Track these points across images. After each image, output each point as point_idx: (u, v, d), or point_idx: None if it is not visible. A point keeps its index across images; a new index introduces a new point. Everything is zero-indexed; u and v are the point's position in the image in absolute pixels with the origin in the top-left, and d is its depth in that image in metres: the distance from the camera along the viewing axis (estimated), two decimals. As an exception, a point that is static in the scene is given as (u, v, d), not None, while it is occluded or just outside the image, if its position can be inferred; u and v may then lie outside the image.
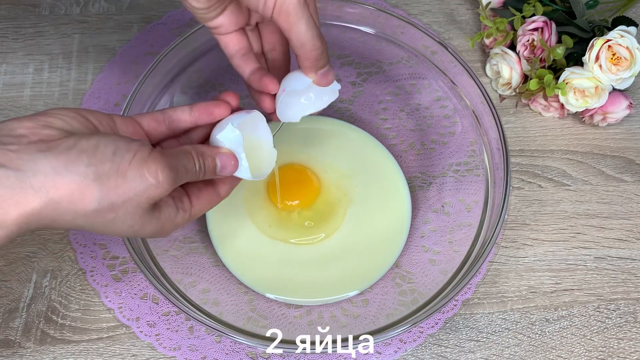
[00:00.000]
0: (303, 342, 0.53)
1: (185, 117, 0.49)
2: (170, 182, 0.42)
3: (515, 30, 0.69)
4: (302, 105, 0.52)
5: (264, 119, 0.52)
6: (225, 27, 0.51)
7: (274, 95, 0.52)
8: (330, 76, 0.50)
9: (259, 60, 0.53)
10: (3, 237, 0.39)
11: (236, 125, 0.48)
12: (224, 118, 0.50)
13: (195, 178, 0.46)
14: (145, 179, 0.41)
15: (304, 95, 0.51)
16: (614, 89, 0.66)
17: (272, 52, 0.54)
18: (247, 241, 0.60)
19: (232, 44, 0.52)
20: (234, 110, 0.50)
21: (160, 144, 0.49)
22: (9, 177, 0.38)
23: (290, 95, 0.51)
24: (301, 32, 0.46)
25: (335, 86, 0.52)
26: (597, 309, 0.60)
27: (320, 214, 0.62)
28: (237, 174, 0.48)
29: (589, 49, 0.64)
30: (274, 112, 0.53)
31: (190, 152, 0.45)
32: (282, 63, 0.54)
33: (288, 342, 0.51)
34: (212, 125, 0.50)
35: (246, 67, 0.52)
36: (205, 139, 0.51)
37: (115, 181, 0.40)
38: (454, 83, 0.63)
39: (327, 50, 0.49)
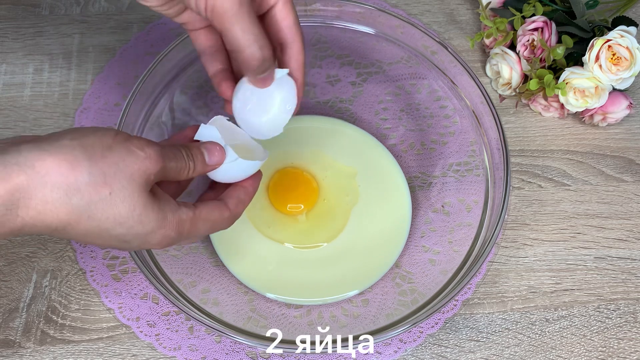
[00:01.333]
0: (303, 342, 0.53)
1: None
2: (158, 156, 0.42)
3: (515, 30, 0.69)
4: (264, 124, 0.50)
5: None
6: (192, 23, 0.50)
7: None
8: (268, 81, 0.48)
9: (230, 59, 0.51)
10: None
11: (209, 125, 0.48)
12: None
13: (185, 169, 0.44)
14: (132, 151, 0.41)
15: (264, 114, 0.50)
16: (614, 89, 0.66)
17: None
18: (246, 241, 0.60)
19: (200, 40, 0.51)
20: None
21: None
22: None
23: (248, 114, 0.50)
24: (236, 38, 0.44)
25: (290, 89, 0.50)
26: (597, 309, 0.60)
27: (322, 217, 0.62)
28: (232, 163, 0.47)
29: (589, 49, 0.64)
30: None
31: (177, 146, 0.45)
32: None
33: (288, 342, 0.51)
34: None
35: (211, 67, 0.51)
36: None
37: (101, 152, 0.40)
38: (454, 83, 0.63)
39: (271, 53, 0.46)
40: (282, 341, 0.51)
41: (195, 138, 0.48)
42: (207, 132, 0.47)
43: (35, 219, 0.39)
